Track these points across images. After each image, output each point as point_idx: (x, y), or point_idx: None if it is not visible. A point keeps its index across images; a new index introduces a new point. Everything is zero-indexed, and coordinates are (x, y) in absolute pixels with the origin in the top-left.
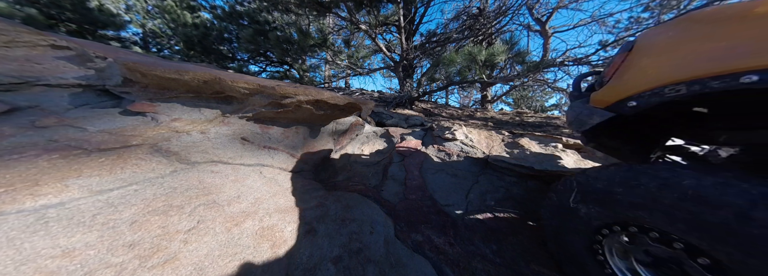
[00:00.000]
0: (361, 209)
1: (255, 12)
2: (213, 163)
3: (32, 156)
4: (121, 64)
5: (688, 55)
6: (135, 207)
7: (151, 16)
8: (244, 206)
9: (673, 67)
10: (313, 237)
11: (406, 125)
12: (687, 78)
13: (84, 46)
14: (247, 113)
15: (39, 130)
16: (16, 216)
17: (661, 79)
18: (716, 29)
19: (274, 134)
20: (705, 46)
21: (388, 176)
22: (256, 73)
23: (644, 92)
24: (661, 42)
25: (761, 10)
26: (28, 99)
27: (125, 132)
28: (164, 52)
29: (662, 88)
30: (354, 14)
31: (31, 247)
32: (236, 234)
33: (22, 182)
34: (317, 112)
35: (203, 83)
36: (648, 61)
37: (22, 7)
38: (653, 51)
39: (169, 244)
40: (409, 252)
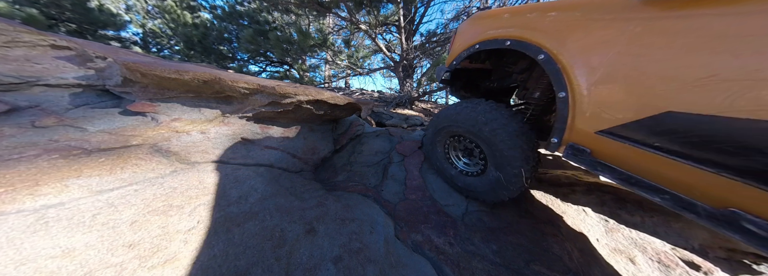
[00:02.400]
0: (361, 209)
1: (255, 12)
2: (213, 163)
3: (32, 156)
4: (121, 64)
5: (476, 32)
6: (135, 207)
7: (151, 16)
8: (245, 206)
9: (470, 39)
10: (314, 237)
11: (406, 125)
12: (477, 41)
13: (84, 46)
14: (247, 113)
15: (39, 130)
16: (16, 216)
17: (465, 45)
18: (488, 20)
19: (274, 134)
20: (482, 26)
21: (388, 176)
22: (256, 73)
23: (460, 54)
24: (464, 27)
25: (497, 11)
26: (28, 99)
27: (125, 132)
28: (164, 52)
29: (467, 49)
30: (354, 14)
31: (31, 247)
32: (237, 234)
33: (22, 182)
34: (317, 112)
35: (203, 83)
36: (460, 37)
37: (22, 7)
38: (462, 32)
39: (169, 244)
40: (409, 252)
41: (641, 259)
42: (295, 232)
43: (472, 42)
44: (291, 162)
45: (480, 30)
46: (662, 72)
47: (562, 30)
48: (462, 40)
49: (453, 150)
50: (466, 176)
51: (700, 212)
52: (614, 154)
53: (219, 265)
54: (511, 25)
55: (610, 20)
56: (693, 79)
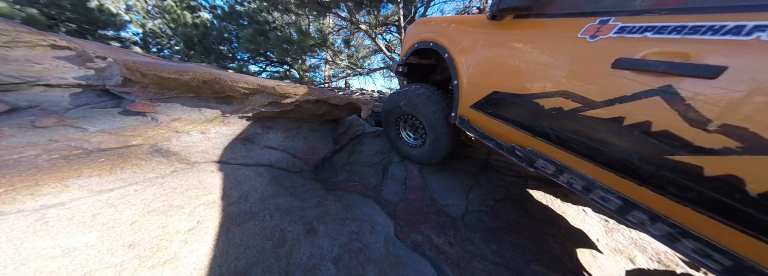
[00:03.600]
0: (361, 209)
1: (255, 12)
2: (213, 163)
3: (32, 156)
4: (121, 64)
5: (416, 34)
6: (135, 207)
7: (151, 16)
8: (245, 206)
9: (412, 39)
10: (314, 237)
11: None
12: (416, 42)
13: (84, 46)
14: (247, 113)
15: (39, 130)
16: (16, 216)
17: (409, 44)
18: (422, 26)
19: (274, 134)
20: (418, 30)
21: (388, 176)
22: (256, 73)
23: (407, 51)
24: (410, 30)
25: (428, 19)
26: (28, 99)
27: (125, 132)
28: (164, 52)
29: (410, 47)
30: (354, 14)
31: (31, 247)
32: (237, 234)
33: (22, 182)
34: (317, 112)
35: (203, 83)
36: (407, 38)
37: (22, 7)
38: (408, 34)
39: (169, 244)
40: (409, 252)
41: (641, 259)
42: (295, 232)
43: (413, 42)
44: (291, 162)
45: (417, 33)
46: (492, 67)
47: (455, 37)
48: (408, 41)
49: (403, 130)
50: (413, 148)
51: (504, 147)
52: (477, 120)
53: (219, 265)
54: (434, 31)
55: (474, 32)
56: (504, 71)
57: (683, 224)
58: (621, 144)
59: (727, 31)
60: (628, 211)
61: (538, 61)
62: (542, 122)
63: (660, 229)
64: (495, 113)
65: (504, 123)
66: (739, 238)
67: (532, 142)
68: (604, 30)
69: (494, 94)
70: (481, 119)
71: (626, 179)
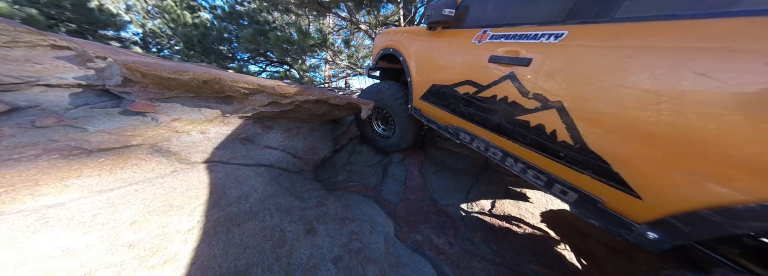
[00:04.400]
0: (361, 209)
1: (255, 12)
2: (213, 163)
3: (32, 156)
4: (121, 64)
5: (381, 42)
6: (135, 207)
7: (151, 16)
8: (245, 206)
9: (379, 46)
10: (314, 237)
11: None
12: (381, 48)
13: (84, 46)
14: (247, 113)
15: (39, 130)
16: (16, 216)
17: (377, 51)
18: (386, 35)
19: (274, 134)
20: (383, 39)
21: (388, 176)
22: (256, 73)
23: (375, 57)
24: (377, 39)
25: (390, 30)
26: (28, 99)
27: (125, 132)
28: (164, 52)
29: (377, 53)
30: (354, 14)
31: (31, 247)
32: (237, 234)
33: (22, 182)
34: (317, 112)
35: (203, 83)
36: (375, 46)
37: (22, 7)
38: (376, 42)
39: (169, 244)
40: (409, 252)
41: (641, 259)
42: (295, 232)
43: (379, 49)
44: (291, 162)
45: (382, 42)
46: (430, 66)
47: (406, 44)
48: (376, 48)
49: (375, 120)
50: (384, 138)
51: (441, 127)
52: (425, 108)
53: (219, 265)
54: (393, 40)
55: (418, 40)
56: (437, 69)
57: (526, 159)
58: (497, 113)
59: (531, 37)
60: (504, 159)
61: (454, 60)
62: (459, 104)
63: (518, 167)
64: (435, 102)
65: (440, 108)
66: (550, 163)
67: (456, 120)
68: (484, 37)
69: (433, 87)
70: (428, 108)
71: (502, 137)
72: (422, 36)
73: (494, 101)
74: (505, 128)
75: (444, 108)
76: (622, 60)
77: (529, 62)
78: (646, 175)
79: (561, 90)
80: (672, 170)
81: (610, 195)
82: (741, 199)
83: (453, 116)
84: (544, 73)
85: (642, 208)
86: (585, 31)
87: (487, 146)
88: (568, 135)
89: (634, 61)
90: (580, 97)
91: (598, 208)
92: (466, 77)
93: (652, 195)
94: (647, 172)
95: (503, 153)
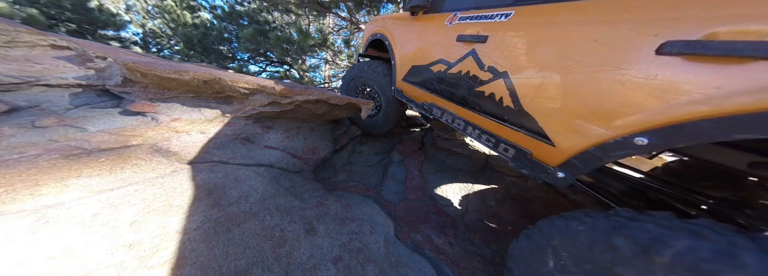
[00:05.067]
0: (361, 209)
1: (255, 12)
2: (213, 163)
3: (32, 156)
4: (121, 64)
5: (370, 29)
6: (135, 207)
7: (151, 16)
8: (245, 206)
9: (368, 34)
10: (314, 237)
11: (405, 125)
12: (370, 35)
13: (84, 46)
14: (247, 113)
15: (39, 130)
16: (16, 216)
17: (366, 37)
18: (374, 22)
19: (274, 134)
20: (372, 26)
21: (388, 176)
22: (256, 73)
23: (365, 44)
24: (367, 26)
25: (378, 17)
26: (28, 99)
27: (125, 132)
28: (164, 52)
29: (367, 40)
30: (354, 14)
31: (31, 247)
32: (237, 234)
33: (22, 182)
34: (317, 111)
35: (203, 83)
36: (365, 33)
37: (22, 7)
38: (365, 30)
39: (169, 244)
40: (409, 252)
41: None
42: (295, 232)
43: (368, 35)
44: (291, 162)
45: (371, 28)
46: (411, 48)
47: (391, 29)
48: (366, 35)
49: None
50: (369, 117)
51: (419, 105)
52: (406, 89)
53: (219, 265)
54: (380, 26)
55: (402, 24)
56: (416, 50)
57: (481, 125)
58: (462, 87)
59: (489, 17)
60: (466, 127)
61: (430, 41)
62: (433, 82)
63: (475, 134)
64: (414, 82)
65: (418, 87)
66: (498, 126)
67: (430, 97)
68: (454, 19)
69: (412, 68)
70: (408, 88)
71: (464, 108)
72: (405, 21)
73: (460, 76)
74: (467, 100)
75: (421, 87)
76: (548, 33)
77: (486, 39)
78: (558, 126)
79: (507, 61)
80: (573, 120)
81: (536, 147)
82: (611, 136)
83: (427, 93)
84: (496, 47)
85: (555, 154)
86: (526, 11)
87: (454, 118)
88: (510, 100)
89: (555, 33)
90: (519, 66)
91: (528, 158)
92: (438, 56)
93: (562, 142)
94: (559, 124)
95: (465, 122)
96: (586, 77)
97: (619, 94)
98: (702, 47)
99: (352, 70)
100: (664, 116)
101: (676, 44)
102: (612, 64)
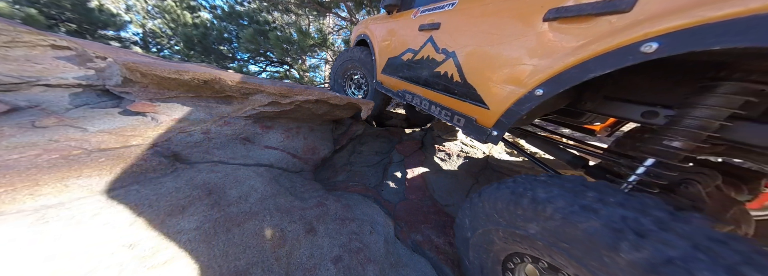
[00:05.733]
0: (361, 209)
1: (255, 12)
2: (213, 163)
3: (32, 156)
4: (121, 64)
5: (358, 30)
6: (135, 207)
7: (151, 16)
8: (245, 206)
9: (356, 34)
10: (314, 237)
11: (405, 125)
12: (357, 34)
13: (84, 46)
14: (247, 113)
15: (39, 130)
16: (16, 216)
17: (354, 37)
18: (362, 24)
19: (274, 134)
20: (359, 28)
21: (388, 176)
22: (256, 73)
23: (353, 42)
24: (355, 27)
25: (365, 20)
26: (28, 99)
27: (125, 132)
28: (164, 52)
29: (355, 39)
30: (354, 14)
31: (31, 247)
32: (237, 234)
33: (22, 182)
34: (317, 112)
35: (203, 83)
36: (353, 34)
37: (22, 7)
38: (354, 30)
39: (169, 244)
40: (409, 252)
41: None
42: (295, 232)
43: (356, 35)
44: (291, 162)
45: (358, 29)
46: (387, 43)
47: (373, 28)
48: (353, 35)
49: (349, 87)
50: None
51: (394, 93)
52: (385, 80)
53: (219, 265)
54: (364, 26)
55: (380, 23)
56: (391, 44)
57: (439, 102)
58: (424, 70)
59: (441, 7)
60: (430, 107)
61: (400, 34)
62: (405, 69)
63: (436, 110)
64: (390, 72)
65: (393, 77)
66: (450, 100)
67: (403, 84)
68: (417, 13)
69: (389, 60)
70: (387, 79)
71: (428, 89)
72: (382, 19)
73: (422, 61)
74: (429, 81)
75: (395, 76)
76: (479, 14)
77: (439, 26)
78: (490, 91)
79: (454, 42)
80: (499, 84)
81: (478, 113)
82: (522, 92)
83: (401, 81)
84: (446, 32)
85: (490, 116)
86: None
87: (421, 100)
88: (458, 75)
89: (485, 15)
90: (462, 45)
91: (473, 124)
92: (407, 46)
93: (493, 104)
94: (491, 90)
95: (429, 102)
96: (504, 47)
97: (524, 58)
98: (565, 11)
99: (343, 55)
100: (552, 69)
101: (552, 11)
102: (519, 34)
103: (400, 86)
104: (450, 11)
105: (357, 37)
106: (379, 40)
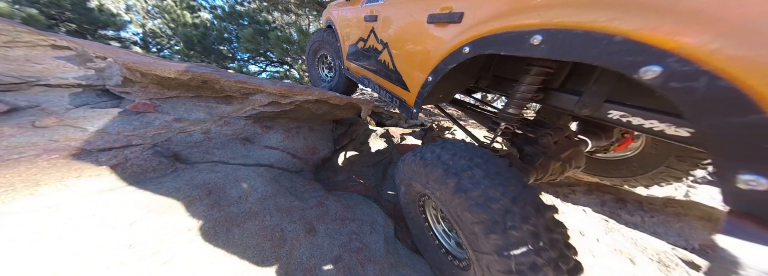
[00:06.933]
0: (361, 209)
1: (255, 12)
2: (213, 163)
3: (32, 156)
4: (121, 64)
5: (325, 16)
6: (135, 207)
7: (151, 16)
8: (245, 206)
9: (324, 19)
10: (314, 236)
11: (406, 125)
12: (325, 20)
13: (84, 46)
14: (247, 113)
15: (39, 130)
16: (16, 216)
17: (323, 22)
18: (328, 9)
19: (274, 134)
20: (325, 14)
21: (388, 176)
22: (256, 73)
23: None
24: (324, 12)
25: (331, 5)
26: (28, 99)
27: (125, 132)
28: (164, 52)
29: (325, 24)
30: None
31: (31, 247)
32: (237, 234)
33: (22, 182)
34: (317, 112)
35: (203, 83)
36: (323, 18)
37: (22, 7)
38: (323, 15)
39: (169, 244)
40: (409, 252)
41: (641, 259)
42: (295, 232)
43: (324, 20)
44: (291, 162)
45: (325, 15)
46: (346, 30)
47: (335, 13)
48: (323, 19)
49: (322, 71)
50: (327, 82)
51: (356, 79)
52: (350, 66)
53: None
54: (330, 13)
55: (340, 9)
56: (349, 32)
57: (384, 87)
58: (372, 58)
59: (377, 0)
60: (380, 91)
61: (353, 23)
62: (361, 57)
63: (383, 94)
64: (352, 59)
65: (355, 63)
66: (390, 85)
67: (362, 71)
68: (363, 2)
69: (349, 47)
70: (351, 66)
71: (378, 75)
72: (342, 6)
73: (370, 50)
74: (377, 69)
75: (355, 62)
76: (400, 10)
77: (376, 18)
78: (409, 76)
79: (386, 34)
80: (412, 71)
81: (405, 95)
82: (423, 77)
83: (360, 68)
84: (381, 24)
85: (411, 97)
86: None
87: (374, 85)
88: (391, 63)
89: (398, 13)
90: (392, 36)
91: (404, 105)
92: (359, 35)
93: (411, 87)
94: (409, 75)
95: (379, 87)
96: (411, 42)
97: (421, 50)
98: (433, 17)
99: (314, 36)
100: (435, 59)
101: (430, 16)
102: (417, 32)
103: (360, 72)
104: (383, 5)
105: (326, 22)
106: (341, 26)
